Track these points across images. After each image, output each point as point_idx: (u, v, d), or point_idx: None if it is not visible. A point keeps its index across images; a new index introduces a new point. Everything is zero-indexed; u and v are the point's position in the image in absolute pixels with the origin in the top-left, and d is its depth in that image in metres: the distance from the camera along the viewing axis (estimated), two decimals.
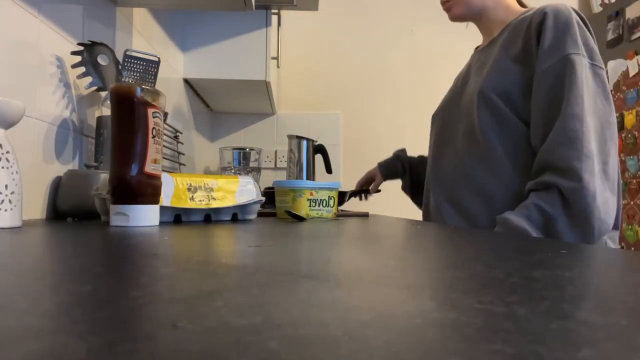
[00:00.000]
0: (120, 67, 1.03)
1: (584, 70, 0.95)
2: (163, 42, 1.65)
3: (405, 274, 0.27)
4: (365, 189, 1.52)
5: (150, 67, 1.06)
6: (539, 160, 0.95)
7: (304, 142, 1.89)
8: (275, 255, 0.35)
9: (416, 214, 1.38)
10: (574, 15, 1.00)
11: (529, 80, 1.00)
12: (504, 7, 1.15)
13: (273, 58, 1.94)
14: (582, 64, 0.95)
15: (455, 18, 1.20)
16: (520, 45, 1.03)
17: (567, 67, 0.94)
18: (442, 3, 1.21)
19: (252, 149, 1.94)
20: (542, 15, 1.01)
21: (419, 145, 2.72)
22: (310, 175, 1.88)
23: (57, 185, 0.91)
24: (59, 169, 0.95)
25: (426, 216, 1.24)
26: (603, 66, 0.99)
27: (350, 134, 2.60)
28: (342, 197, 1.40)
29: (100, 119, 1.01)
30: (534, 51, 1.00)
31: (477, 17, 1.18)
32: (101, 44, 1.03)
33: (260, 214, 1.10)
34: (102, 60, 1.02)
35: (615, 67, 2.42)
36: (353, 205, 1.99)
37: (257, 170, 1.90)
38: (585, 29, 1.01)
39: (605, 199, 0.90)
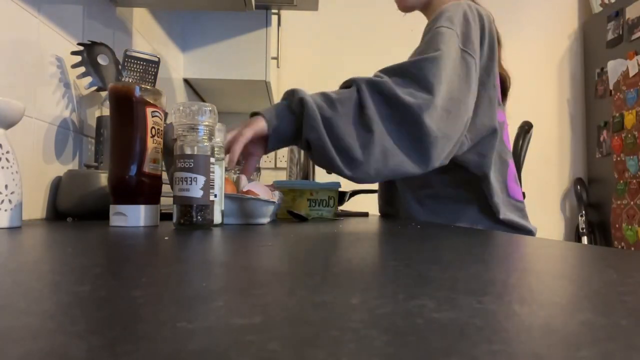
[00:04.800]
0: (120, 67, 1.03)
1: (452, 41, 0.94)
2: (163, 42, 1.65)
3: (405, 274, 0.27)
4: (370, 190, 1.53)
5: (150, 67, 1.06)
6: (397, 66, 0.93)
7: None
8: (275, 255, 0.35)
9: None
10: (466, 9, 1.00)
11: None
12: None
13: (273, 58, 1.94)
14: (451, 36, 0.95)
15: (405, 9, 1.19)
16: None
17: (435, 36, 0.95)
18: None
19: None
20: (441, 9, 1.02)
21: None
22: (310, 175, 1.88)
23: (57, 185, 0.91)
24: (59, 169, 0.95)
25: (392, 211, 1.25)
26: (475, 57, 0.98)
27: None
28: (342, 197, 1.40)
29: (100, 119, 1.01)
30: None
31: (425, 4, 1.17)
32: (101, 44, 1.03)
33: None
34: (102, 60, 1.02)
35: (615, 67, 2.42)
36: (353, 205, 1.99)
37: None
38: (476, 24, 1.00)
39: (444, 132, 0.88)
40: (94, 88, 1.03)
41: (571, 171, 2.74)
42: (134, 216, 0.65)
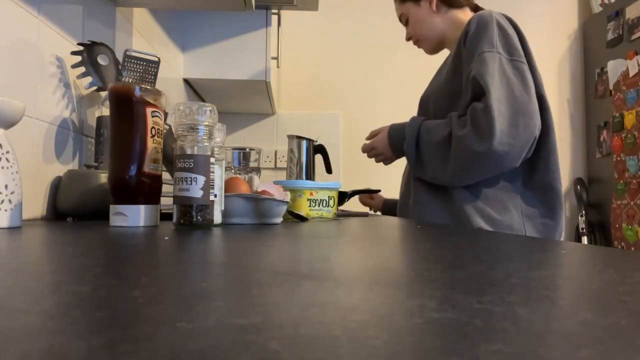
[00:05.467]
0: (120, 67, 1.03)
1: (497, 64, 1.07)
2: (163, 42, 1.65)
3: (405, 274, 0.27)
4: (370, 189, 1.53)
5: (150, 67, 1.06)
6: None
7: (304, 142, 1.89)
8: (275, 255, 0.35)
9: None
10: (495, 19, 1.13)
11: (458, 86, 1.16)
12: (455, 25, 1.27)
13: (273, 58, 1.94)
14: (496, 60, 1.07)
15: (430, 53, 1.36)
16: (453, 55, 1.18)
17: (481, 65, 1.06)
18: (412, 42, 1.36)
19: (252, 149, 1.93)
20: (467, 26, 1.15)
21: None
22: (310, 175, 1.88)
23: (57, 185, 0.91)
24: (59, 169, 0.95)
25: (404, 212, 1.29)
26: (524, 60, 1.11)
27: (350, 134, 2.60)
28: (342, 197, 1.40)
29: (100, 119, 1.01)
30: (462, 57, 1.14)
31: (443, 42, 1.31)
32: (101, 44, 1.03)
33: None
34: (102, 60, 1.02)
35: (615, 67, 2.42)
36: (353, 205, 1.99)
37: (257, 170, 1.90)
38: (508, 28, 1.13)
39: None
40: (94, 88, 1.03)
41: (571, 171, 2.74)
42: (134, 216, 0.65)
